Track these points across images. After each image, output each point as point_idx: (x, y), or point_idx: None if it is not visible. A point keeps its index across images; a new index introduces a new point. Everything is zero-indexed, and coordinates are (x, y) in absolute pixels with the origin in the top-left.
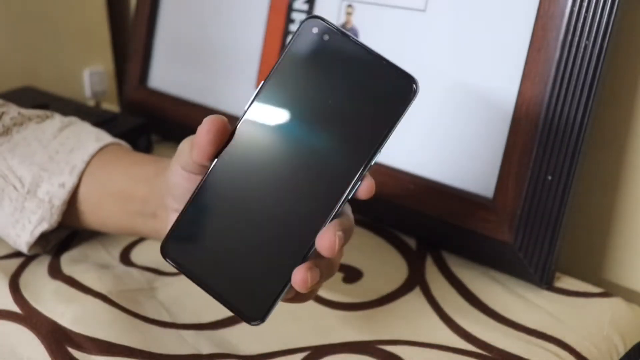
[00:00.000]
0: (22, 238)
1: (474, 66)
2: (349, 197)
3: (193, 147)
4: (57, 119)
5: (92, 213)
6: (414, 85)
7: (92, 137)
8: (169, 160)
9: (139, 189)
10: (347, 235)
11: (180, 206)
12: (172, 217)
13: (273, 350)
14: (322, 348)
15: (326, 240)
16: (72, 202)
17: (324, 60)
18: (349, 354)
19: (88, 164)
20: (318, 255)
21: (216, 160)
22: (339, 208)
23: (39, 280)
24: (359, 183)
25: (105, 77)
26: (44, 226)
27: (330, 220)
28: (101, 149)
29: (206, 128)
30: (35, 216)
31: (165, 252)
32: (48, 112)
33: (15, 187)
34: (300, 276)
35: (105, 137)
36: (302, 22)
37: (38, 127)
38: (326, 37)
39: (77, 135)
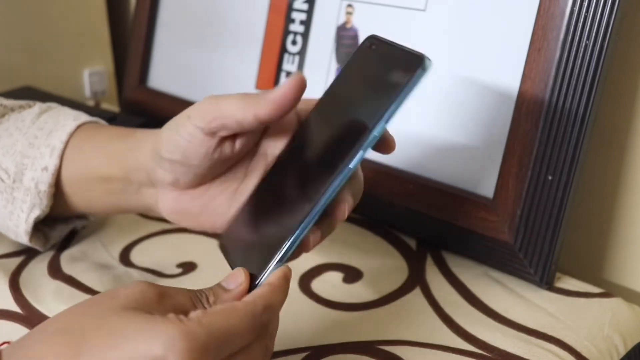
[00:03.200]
0: (20, 228)
1: (474, 66)
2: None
3: (265, 102)
4: (36, 106)
5: (78, 195)
6: (423, 62)
7: (70, 117)
8: (142, 132)
9: (115, 169)
10: (356, 199)
11: (181, 174)
12: (162, 191)
13: (273, 350)
14: (322, 348)
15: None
16: (58, 186)
17: (367, 62)
18: (349, 354)
19: (67, 143)
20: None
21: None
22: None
23: (38, 279)
24: (362, 152)
25: (105, 77)
26: (36, 212)
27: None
28: (78, 127)
29: (295, 83)
30: (25, 204)
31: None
32: (30, 102)
33: (2, 179)
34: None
35: (83, 116)
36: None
37: (18, 116)
38: (373, 47)
39: (55, 118)
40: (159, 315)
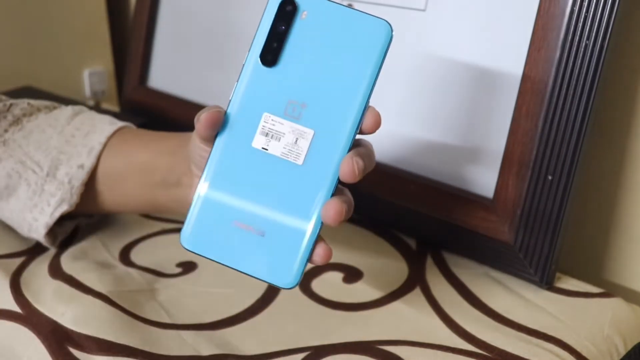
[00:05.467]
0: (41, 221)
1: (474, 66)
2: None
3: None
4: (69, 107)
5: (112, 191)
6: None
7: (106, 121)
8: (189, 134)
9: (162, 160)
10: (366, 161)
11: None
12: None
13: (273, 350)
14: (322, 348)
15: (345, 166)
16: (89, 184)
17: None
18: (349, 354)
19: (105, 145)
20: (339, 193)
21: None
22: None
23: (39, 279)
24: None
25: (105, 77)
26: (64, 207)
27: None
28: (116, 131)
29: (204, 124)
30: (54, 198)
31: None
32: (55, 103)
33: (34, 171)
34: (333, 210)
35: (118, 121)
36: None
37: (49, 115)
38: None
39: (90, 120)
40: None
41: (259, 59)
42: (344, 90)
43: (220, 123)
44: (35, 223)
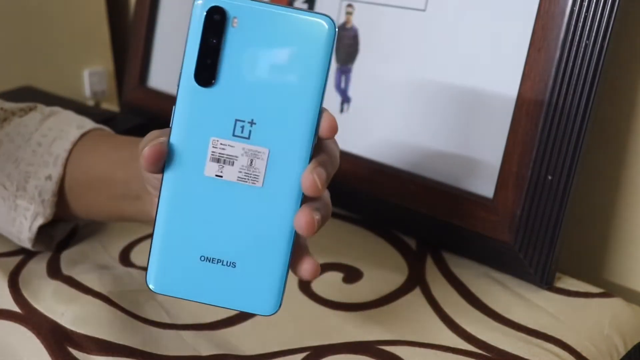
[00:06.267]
0: (24, 235)
1: (474, 66)
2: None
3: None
4: (39, 111)
5: (78, 201)
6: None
7: (74, 125)
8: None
9: (118, 173)
10: (330, 169)
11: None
12: (155, 199)
13: (273, 351)
14: (322, 348)
15: (306, 181)
16: (60, 193)
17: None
18: (349, 354)
19: (71, 152)
20: (309, 201)
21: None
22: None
23: (38, 279)
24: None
25: (105, 77)
26: (40, 221)
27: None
28: (82, 135)
29: (146, 160)
30: (29, 212)
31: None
32: (31, 104)
33: (4, 186)
34: (304, 219)
35: (87, 124)
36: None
37: (20, 121)
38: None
39: (58, 125)
40: None
41: (193, 80)
42: (293, 99)
43: (164, 155)
44: (21, 236)
